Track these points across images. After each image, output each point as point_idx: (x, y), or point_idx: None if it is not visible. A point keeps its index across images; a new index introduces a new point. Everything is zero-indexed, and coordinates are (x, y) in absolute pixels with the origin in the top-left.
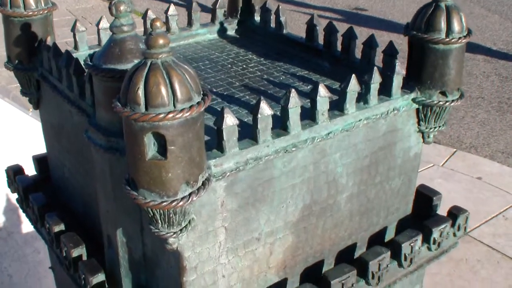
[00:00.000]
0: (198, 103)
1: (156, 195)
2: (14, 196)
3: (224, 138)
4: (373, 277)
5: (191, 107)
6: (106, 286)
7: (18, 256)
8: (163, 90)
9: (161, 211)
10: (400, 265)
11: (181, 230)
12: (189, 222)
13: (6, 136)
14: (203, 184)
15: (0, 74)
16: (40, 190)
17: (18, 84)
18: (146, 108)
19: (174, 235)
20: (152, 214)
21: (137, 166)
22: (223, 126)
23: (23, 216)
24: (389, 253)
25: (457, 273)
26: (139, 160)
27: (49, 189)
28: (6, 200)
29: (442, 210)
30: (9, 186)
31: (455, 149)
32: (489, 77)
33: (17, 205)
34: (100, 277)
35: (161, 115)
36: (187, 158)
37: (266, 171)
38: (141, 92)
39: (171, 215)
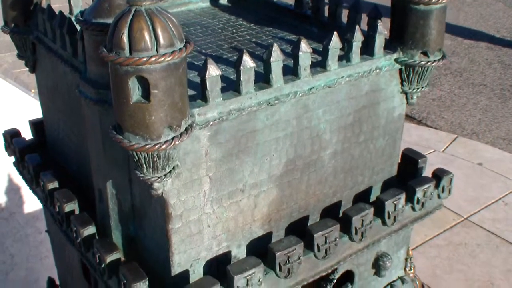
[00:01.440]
0: (180, 49)
1: (140, 138)
2: (15, 177)
3: (208, 88)
4: (356, 233)
5: (173, 52)
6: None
7: (20, 236)
8: (146, 35)
9: (146, 155)
10: (384, 223)
11: (165, 175)
12: (173, 168)
13: (9, 117)
14: (186, 130)
15: (2, 59)
16: (36, 152)
17: (21, 69)
18: (130, 53)
19: (159, 180)
20: (137, 158)
21: (122, 110)
22: (206, 76)
23: (25, 196)
24: (372, 209)
25: (456, 257)
26: (124, 104)
27: (45, 152)
28: (7, 180)
29: None
30: (6, 149)
31: (456, 135)
32: (492, 65)
33: (19, 185)
34: (91, 230)
35: (144, 59)
36: (170, 102)
37: (249, 123)
38: (125, 38)
39: (155, 159)
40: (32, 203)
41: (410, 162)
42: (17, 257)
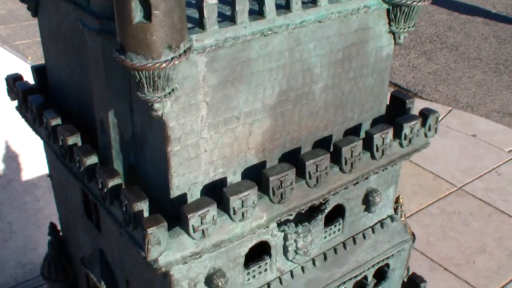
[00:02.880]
0: None
1: (142, 57)
2: (13, 144)
3: (205, 15)
4: (346, 163)
5: None
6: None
7: (18, 204)
8: None
9: (147, 74)
10: (372, 156)
11: (165, 95)
12: (173, 90)
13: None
14: (185, 52)
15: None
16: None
17: (15, 42)
18: None
19: (159, 100)
20: (139, 78)
21: (125, 31)
22: (204, 4)
23: (22, 163)
24: (361, 142)
25: (450, 225)
26: (127, 24)
27: (47, 95)
28: (5, 148)
29: (437, 167)
30: (8, 94)
31: (451, 108)
32: (488, 39)
33: (17, 153)
34: (94, 159)
35: None
36: (170, 23)
37: (244, 52)
38: None
39: (155, 79)
40: (30, 171)
41: (398, 102)
42: (15, 225)
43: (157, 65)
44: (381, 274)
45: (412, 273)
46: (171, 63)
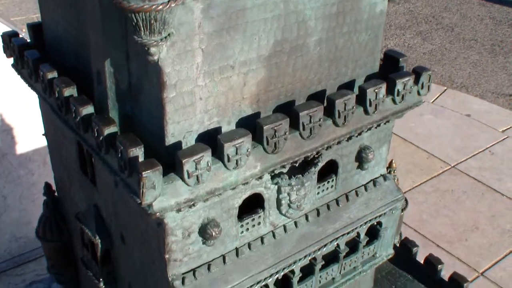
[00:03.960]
0: None
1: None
2: (7, 117)
3: None
4: (339, 116)
5: None
6: None
7: (13, 177)
8: None
9: (143, 16)
10: (365, 111)
11: (161, 39)
12: (169, 34)
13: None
14: None
15: None
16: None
17: (13, 18)
18: None
19: (155, 43)
20: (135, 21)
21: None
22: None
23: (17, 137)
24: (354, 95)
25: (443, 203)
26: None
27: (44, 51)
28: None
29: (431, 146)
30: (4, 51)
31: (445, 88)
32: (483, 20)
33: (11, 126)
34: (90, 109)
35: None
36: None
37: (240, 0)
38: None
39: (152, 21)
40: (24, 145)
41: (392, 60)
42: (10, 199)
43: (153, 7)
44: (373, 232)
45: (404, 237)
46: (168, 6)
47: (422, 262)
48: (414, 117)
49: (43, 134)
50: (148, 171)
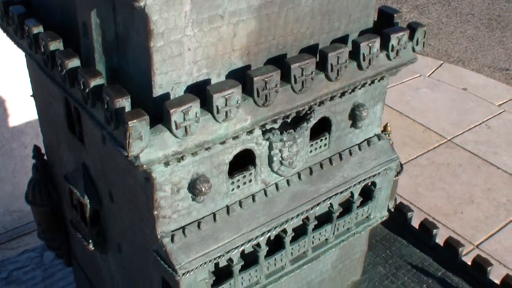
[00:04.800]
0: None
1: None
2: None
3: None
4: (332, 70)
5: None
6: None
7: (5, 150)
8: None
9: None
10: (359, 66)
11: None
12: None
13: None
14: None
15: None
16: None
17: None
18: None
19: None
20: None
21: None
22: None
23: (9, 110)
24: (347, 49)
25: (439, 176)
26: None
27: (30, 8)
28: None
29: (427, 119)
30: None
31: (442, 62)
32: None
33: (3, 98)
34: (76, 62)
35: None
36: None
37: None
38: None
39: None
40: (17, 118)
41: (386, 17)
42: (3, 172)
43: None
44: (367, 193)
45: (399, 202)
46: None
47: (417, 227)
48: (410, 90)
49: (31, 95)
50: (135, 121)
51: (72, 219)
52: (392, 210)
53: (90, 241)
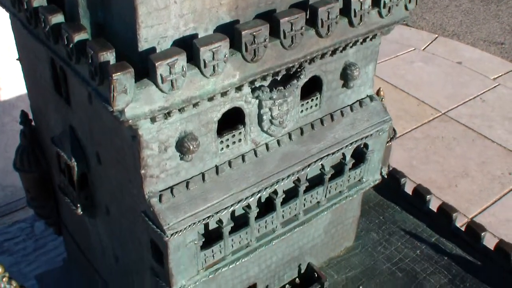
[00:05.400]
0: None
1: None
2: None
3: None
4: (322, 25)
5: None
6: None
7: None
8: None
9: None
10: (350, 22)
11: None
12: None
13: None
14: None
15: None
16: None
17: None
18: None
19: None
20: None
21: None
22: None
23: (0, 83)
24: (338, 4)
25: (433, 149)
26: None
27: None
28: None
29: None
30: None
31: (436, 35)
32: None
33: None
34: (60, 17)
35: None
36: None
37: None
38: None
39: None
40: (8, 92)
41: None
42: None
43: None
44: (360, 156)
45: (392, 168)
46: None
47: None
48: (404, 64)
49: (17, 59)
50: (119, 73)
51: (60, 183)
52: (386, 176)
53: (79, 205)
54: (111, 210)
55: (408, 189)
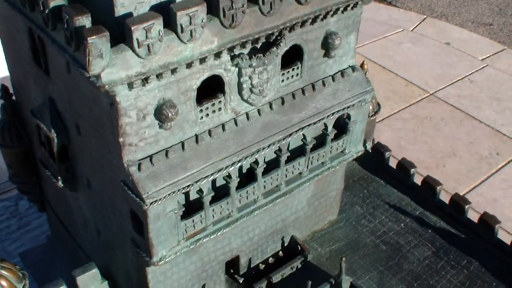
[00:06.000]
0: None
1: None
2: None
3: None
4: None
5: None
6: None
7: None
8: None
9: None
10: None
11: None
12: None
13: None
14: None
15: None
16: None
17: None
18: None
19: None
20: None
21: None
22: None
23: None
24: None
25: (421, 130)
26: None
27: None
28: None
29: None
30: None
31: (425, 16)
32: None
33: None
34: None
35: None
36: None
37: None
38: None
39: None
40: None
41: None
42: None
43: None
44: (342, 127)
45: (377, 142)
46: None
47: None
48: (393, 45)
49: None
50: (94, 37)
51: (40, 156)
52: (370, 150)
53: (59, 178)
54: (92, 182)
55: (394, 165)
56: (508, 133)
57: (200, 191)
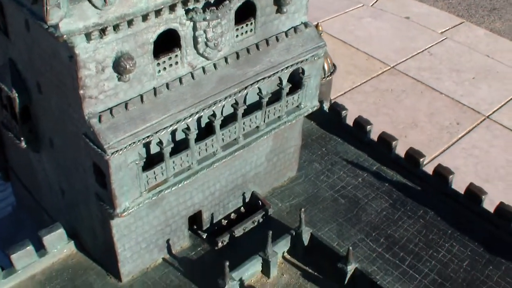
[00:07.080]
0: None
1: None
2: None
3: None
4: None
5: None
6: None
7: None
8: None
9: None
10: None
11: None
12: None
13: None
14: None
15: None
16: None
17: None
18: None
19: None
20: None
21: None
22: None
23: None
24: None
25: (383, 102)
26: None
27: None
28: None
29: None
30: None
31: None
32: None
33: None
34: None
35: None
36: None
37: None
38: None
39: None
40: None
41: None
42: None
43: None
44: (297, 82)
45: (334, 102)
46: None
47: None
48: (353, 20)
49: None
50: None
51: (3, 119)
52: (327, 111)
53: (22, 138)
54: (55, 141)
55: None
56: (468, 103)
57: (160, 142)
